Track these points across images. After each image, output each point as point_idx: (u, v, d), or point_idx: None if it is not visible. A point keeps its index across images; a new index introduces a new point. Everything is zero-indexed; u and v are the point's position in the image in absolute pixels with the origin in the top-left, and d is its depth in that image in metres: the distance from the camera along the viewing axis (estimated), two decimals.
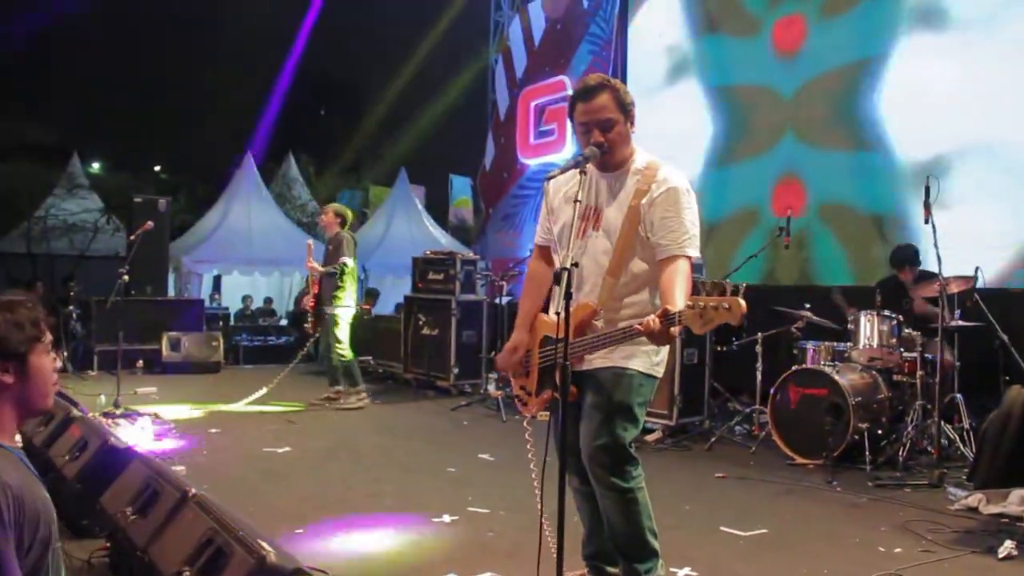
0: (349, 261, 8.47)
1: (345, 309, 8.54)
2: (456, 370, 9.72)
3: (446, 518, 4.79)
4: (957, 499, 5.25)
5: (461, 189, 24.32)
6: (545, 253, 3.54)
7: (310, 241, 9.30)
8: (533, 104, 13.98)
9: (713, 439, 7.05)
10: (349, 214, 9.16)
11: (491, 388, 9.01)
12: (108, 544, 3.70)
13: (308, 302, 8.87)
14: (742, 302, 2.62)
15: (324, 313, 8.60)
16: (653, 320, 2.80)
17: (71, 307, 12.22)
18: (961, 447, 6.29)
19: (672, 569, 3.83)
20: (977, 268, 6.52)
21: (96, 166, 26.78)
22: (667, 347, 3.26)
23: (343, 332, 8.55)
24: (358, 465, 6.24)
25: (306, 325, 9.00)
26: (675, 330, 2.80)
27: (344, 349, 8.56)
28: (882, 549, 4.38)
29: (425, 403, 9.34)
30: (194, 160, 25.86)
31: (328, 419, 8.11)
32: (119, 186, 21.60)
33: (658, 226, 3.13)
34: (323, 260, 8.74)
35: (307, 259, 8.67)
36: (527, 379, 3.39)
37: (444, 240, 19.23)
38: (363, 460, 6.44)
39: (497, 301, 10.00)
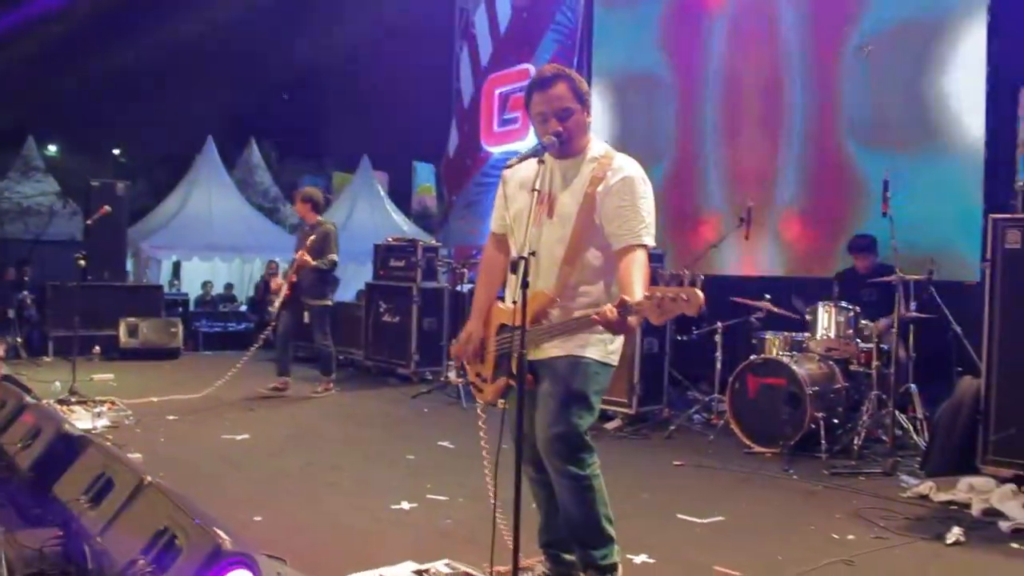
0: (336, 258, 8.54)
1: (329, 302, 8.78)
2: (417, 357, 9.71)
3: (404, 505, 4.79)
4: (909, 487, 5.35)
5: (424, 176, 24.28)
6: (500, 241, 3.54)
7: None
8: (497, 92, 13.95)
9: (672, 427, 7.11)
10: (319, 195, 9.03)
11: (452, 376, 9.00)
12: (61, 533, 3.65)
13: (284, 288, 8.58)
14: (700, 293, 2.63)
15: (304, 304, 8.57)
16: (610, 310, 2.82)
17: (25, 292, 12.03)
18: (914, 436, 6.40)
19: (629, 556, 3.86)
20: (931, 259, 6.63)
21: (52, 149, 26.33)
22: (622, 336, 3.28)
23: (328, 324, 8.76)
24: (317, 452, 6.22)
25: (271, 309, 8.80)
26: (633, 320, 2.83)
27: (329, 339, 8.76)
28: (836, 536, 4.45)
29: (385, 390, 9.32)
30: (154, 144, 25.48)
31: (287, 407, 8.07)
32: (76, 169, 21.26)
33: (614, 215, 3.15)
34: (299, 246, 8.61)
35: (302, 251, 8.45)
36: (482, 366, 3.40)
37: (407, 227, 19.22)
38: (322, 447, 6.42)
39: (459, 289, 9.99)
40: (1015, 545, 4.36)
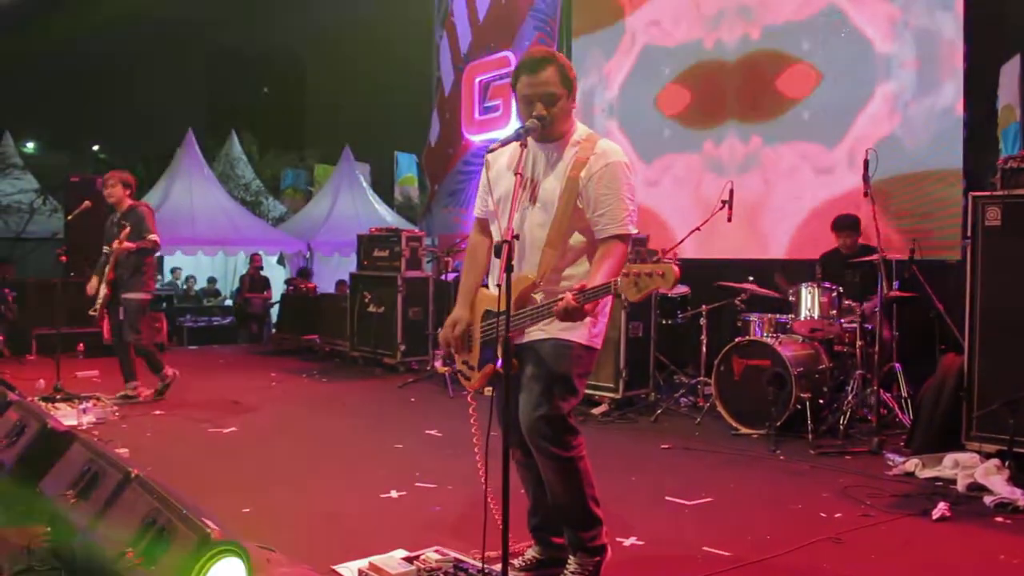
0: (156, 237, 7.56)
1: (147, 295, 7.70)
2: (403, 347, 9.70)
3: (393, 494, 4.79)
4: (895, 465, 5.40)
5: (407, 166, 24.26)
6: (484, 226, 3.54)
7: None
8: (478, 80, 13.90)
9: (659, 411, 7.14)
10: (132, 178, 8.02)
11: (438, 364, 8.96)
12: (48, 528, 3.63)
13: (103, 288, 7.57)
14: (675, 268, 2.65)
15: (122, 298, 7.58)
16: (568, 296, 2.84)
17: (6, 289, 11.93)
18: (899, 414, 6.45)
19: (618, 538, 3.87)
20: (914, 240, 6.67)
21: (31, 145, 26.14)
22: (606, 318, 3.29)
23: (140, 321, 7.66)
24: (305, 444, 6.21)
25: (92, 313, 7.67)
26: (589, 307, 2.86)
27: (142, 338, 7.68)
28: (823, 514, 4.48)
29: (372, 381, 9.31)
30: (134, 139, 25.34)
31: (274, 398, 8.05)
32: (56, 165, 21.13)
33: (597, 202, 3.15)
34: (110, 238, 7.60)
35: (116, 240, 7.45)
36: (469, 354, 3.40)
37: (390, 217, 19.17)
38: (310, 438, 6.41)
39: (443, 278, 9.98)
40: (999, 519, 4.41)
